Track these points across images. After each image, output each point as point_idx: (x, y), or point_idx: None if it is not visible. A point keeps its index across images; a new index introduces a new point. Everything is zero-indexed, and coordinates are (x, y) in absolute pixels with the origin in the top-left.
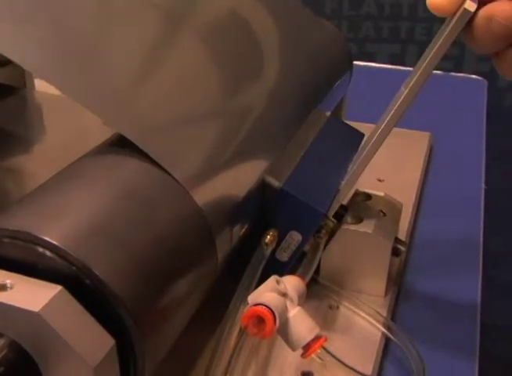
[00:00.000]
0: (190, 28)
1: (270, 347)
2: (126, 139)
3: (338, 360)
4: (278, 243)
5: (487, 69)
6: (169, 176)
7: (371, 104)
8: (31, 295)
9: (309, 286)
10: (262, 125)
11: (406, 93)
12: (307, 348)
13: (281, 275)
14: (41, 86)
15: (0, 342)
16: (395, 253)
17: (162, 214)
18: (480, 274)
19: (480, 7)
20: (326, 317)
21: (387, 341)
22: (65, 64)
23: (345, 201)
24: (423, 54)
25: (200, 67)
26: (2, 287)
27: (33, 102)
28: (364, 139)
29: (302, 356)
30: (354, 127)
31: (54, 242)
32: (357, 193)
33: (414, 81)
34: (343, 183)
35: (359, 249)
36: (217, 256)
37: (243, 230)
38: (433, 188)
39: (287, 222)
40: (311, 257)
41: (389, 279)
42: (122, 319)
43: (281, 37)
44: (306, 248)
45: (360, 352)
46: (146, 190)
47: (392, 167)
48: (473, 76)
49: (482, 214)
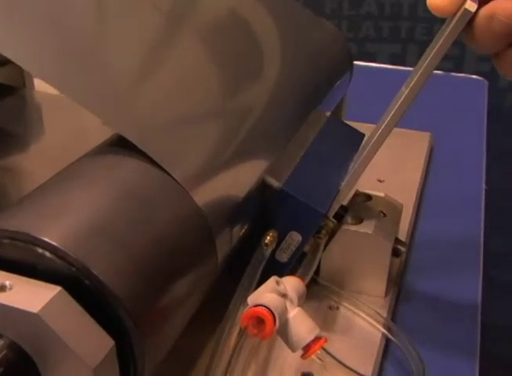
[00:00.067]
0: (190, 28)
1: (270, 348)
2: (126, 139)
3: (338, 361)
4: (278, 243)
5: (487, 69)
6: (169, 176)
7: (371, 104)
8: (30, 296)
9: (309, 286)
10: (262, 125)
11: (407, 93)
12: (307, 349)
13: (281, 276)
14: (41, 86)
15: None
16: (395, 253)
17: (162, 214)
18: (480, 274)
19: (480, 7)
20: (326, 318)
21: (387, 341)
22: (64, 64)
23: (345, 202)
24: (423, 54)
25: (200, 67)
26: (2, 288)
27: (32, 102)
28: (364, 140)
29: (302, 357)
30: (354, 127)
31: (53, 243)
32: (357, 194)
33: (415, 81)
34: (343, 184)
35: (359, 250)
36: (217, 256)
37: (243, 231)
38: (433, 188)
39: (287, 223)
40: (311, 257)
41: (389, 279)
42: (122, 320)
43: (281, 37)
44: (306, 249)
45: (360, 353)
46: (146, 190)
47: (392, 167)
48: (473, 76)
49: (483, 214)
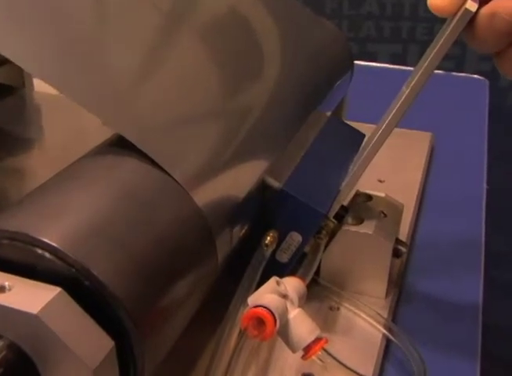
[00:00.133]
0: (190, 28)
1: (270, 349)
2: (126, 140)
3: (339, 362)
4: (278, 244)
5: (488, 68)
6: (169, 177)
7: (372, 104)
8: (30, 297)
9: (310, 287)
10: (262, 126)
11: (407, 93)
12: (307, 349)
13: (281, 276)
14: (40, 86)
15: None
16: (396, 254)
17: (162, 215)
18: (482, 275)
19: (481, 6)
20: (327, 319)
21: (388, 342)
22: (64, 64)
23: (346, 202)
24: (424, 54)
25: (200, 67)
26: (1, 289)
27: (32, 102)
28: (365, 140)
29: (303, 358)
30: (354, 127)
31: (53, 243)
32: (358, 194)
33: (415, 81)
34: (343, 184)
35: (360, 250)
36: (217, 257)
37: (243, 231)
38: (434, 188)
39: (287, 223)
40: (311, 258)
41: (390, 280)
42: (121, 320)
43: (281, 37)
44: (306, 249)
45: (361, 354)
46: (146, 191)
47: (393, 167)
48: (474, 76)
49: (484, 214)
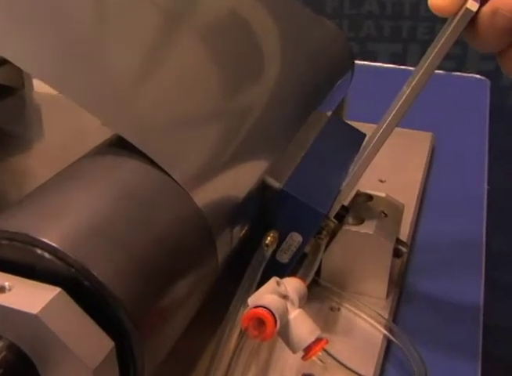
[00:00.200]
0: (190, 28)
1: (270, 349)
2: (125, 140)
3: (339, 363)
4: (278, 244)
5: (490, 68)
6: (169, 177)
7: (372, 104)
8: (30, 297)
9: (310, 288)
10: (262, 126)
11: (408, 93)
12: (308, 350)
13: (282, 276)
14: (40, 86)
15: None
16: (397, 254)
17: (162, 215)
18: (482, 275)
19: (482, 5)
20: (327, 319)
21: (388, 343)
22: (63, 65)
23: (346, 202)
24: (425, 53)
25: (200, 68)
26: (1, 289)
27: (31, 102)
28: (365, 140)
29: (303, 359)
30: (355, 127)
31: (52, 244)
32: (358, 194)
33: (416, 81)
34: (344, 184)
35: (360, 250)
36: (217, 257)
37: (244, 231)
38: (435, 188)
39: (288, 223)
40: (312, 258)
41: (390, 280)
42: (121, 321)
43: (281, 36)
44: (307, 249)
45: (361, 355)
46: (146, 191)
47: (394, 167)
48: (476, 75)
49: (485, 214)
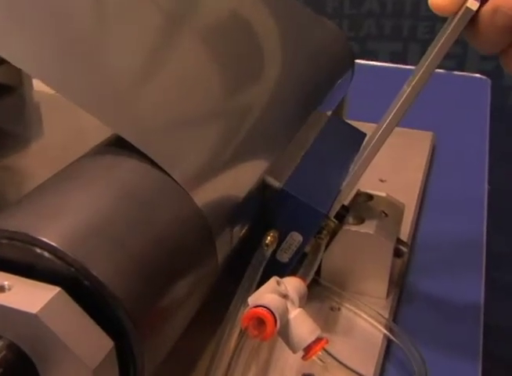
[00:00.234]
0: (190, 28)
1: (271, 349)
2: (125, 139)
3: (340, 362)
4: (278, 244)
5: (490, 68)
6: (168, 177)
7: (373, 103)
8: (29, 297)
9: (310, 287)
10: (262, 125)
11: (408, 92)
12: (308, 350)
13: (282, 276)
14: (39, 85)
15: None
16: (397, 254)
17: (162, 215)
18: (483, 275)
19: (482, 4)
20: (328, 319)
21: (388, 343)
22: (63, 65)
23: (347, 202)
24: (425, 53)
25: (200, 68)
26: (0, 289)
27: (31, 101)
28: (365, 139)
29: (303, 358)
30: (355, 126)
31: (52, 243)
32: (358, 194)
33: (416, 80)
34: (344, 183)
35: (361, 250)
36: (217, 257)
37: (244, 231)
38: (435, 188)
39: (288, 223)
40: (312, 258)
41: (391, 280)
42: (121, 320)
43: (281, 36)
44: (307, 249)
45: (362, 354)
46: (145, 191)
47: (394, 167)
48: (476, 75)
49: (485, 214)
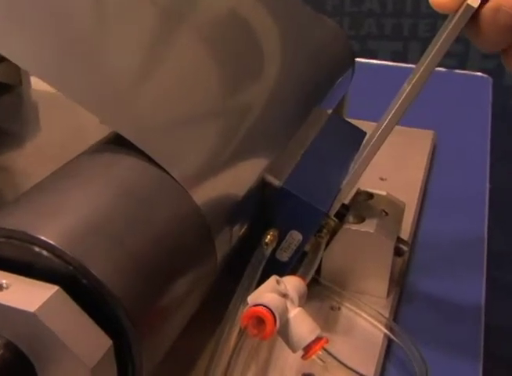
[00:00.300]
0: (190, 27)
1: (270, 348)
2: (124, 137)
3: (340, 362)
4: (278, 242)
5: (492, 66)
6: (168, 175)
7: (373, 102)
8: (27, 295)
9: (310, 286)
10: (262, 124)
11: (409, 90)
12: (308, 349)
13: (281, 275)
14: (38, 84)
15: None
16: (398, 253)
17: (160, 213)
18: (484, 274)
19: (483, 2)
20: (328, 318)
21: (389, 342)
22: (62, 63)
23: (347, 200)
24: (426, 51)
25: (200, 66)
26: None
27: (29, 100)
28: (366, 138)
29: (303, 358)
30: (355, 125)
31: (50, 241)
32: (359, 192)
33: (416, 78)
34: (344, 182)
35: (361, 249)
36: (216, 256)
37: (243, 230)
38: (436, 187)
39: (288, 222)
40: (312, 257)
41: (391, 279)
42: (120, 319)
43: (282, 34)
44: (307, 248)
45: (362, 354)
46: (144, 189)
47: (395, 165)
48: (478, 73)
49: (487, 213)
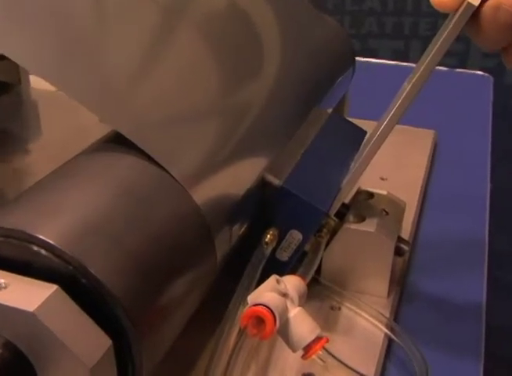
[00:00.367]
0: (189, 24)
1: (270, 348)
2: (123, 136)
3: (340, 362)
4: (278, 242)
5: (493, 65)
6: (167, 174)
7: (373, 101)
8: (26, 295)
9: (310, 286)
10: (262, 123)
11: (409, 89)
12: (308, 349)
13: (281, 275)
14: (37, 82)
15: None
16: (398, 253)
17: (160, 212)
18: (485, 274)
19: (484, 1)
20: (328, 318)
21: (389, 342)
22: (62, 61)
23: (347, 200)
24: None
25: (200, 64)
26: None
27: (28, 99)
28: (366, 137)
29: (303, 358)
30: (356, 124)
31: (49, 240)
32: (359, 192)
33: (417, 77)
34: (345, 181)
35: (361, 249)
36: (216, 255)
37: (243, 229)
38: (437, 186)
39: (288, 221)
40: (312, 256)
41: (392, 279)
42: (119, 319)
43: (282, 33)
44: (307, 248)
45: (362, 354)
46: (144, 188)
47: (395, 165)
48: (478, 72)
49: (487, 213)
